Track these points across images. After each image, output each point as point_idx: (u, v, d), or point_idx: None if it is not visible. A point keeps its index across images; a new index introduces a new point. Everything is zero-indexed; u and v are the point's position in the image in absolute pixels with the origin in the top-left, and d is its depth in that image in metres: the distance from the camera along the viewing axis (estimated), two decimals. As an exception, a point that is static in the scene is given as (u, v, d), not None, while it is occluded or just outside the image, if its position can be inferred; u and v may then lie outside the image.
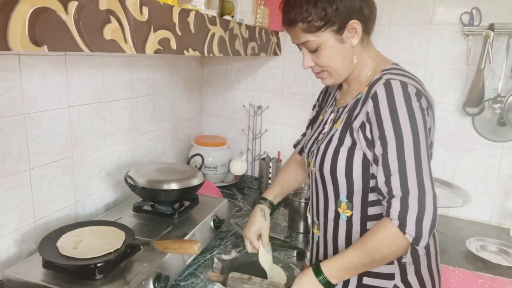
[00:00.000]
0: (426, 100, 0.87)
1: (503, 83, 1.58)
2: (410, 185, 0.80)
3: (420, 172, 0.81)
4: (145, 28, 0.85)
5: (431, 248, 0.97)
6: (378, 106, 0.84)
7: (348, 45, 0.92)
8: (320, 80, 1.01)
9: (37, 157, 1.17)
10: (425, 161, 0.82)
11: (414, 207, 0.80)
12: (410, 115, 0.82)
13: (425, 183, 0.80)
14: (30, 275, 0.99)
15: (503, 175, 1.67)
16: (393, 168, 0.82)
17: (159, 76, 1.75)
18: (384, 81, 0.86)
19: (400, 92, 0.83)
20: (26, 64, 1.10)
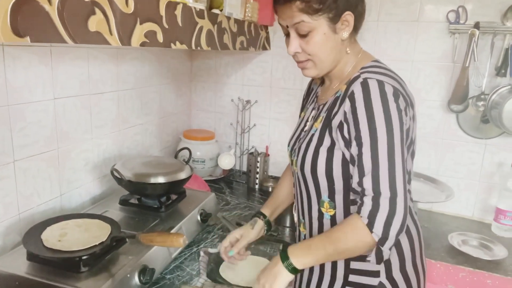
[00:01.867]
0: (404, 99, 0.86)
1: (487, 81, 1.60)
2: (382, 186, 0.81)
3: (393, 174, 0.81)
4: (131, 20, 0.85)
5: (416, 244, 0.98)
6: (355, 105, 0.84)
7: (339, 37, 0.91)
8: (302, 71, 0.98)
9: (21, 149, 1.16)
10: (399, 162, 0.82)
11: (384, 208, 0.81)
12: (386, 116, 0.82)
13: (397, 185, 0.81)
14: (14, 268, 0.99)
15: (486, 171, 1.71)
16: (366, 169, 0.83)
17: (147, 69, 1.74)
18: (361, 80, 0.86)
19: (377, 92, 0.83)
20: (10, 55, 1.09)
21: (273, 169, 2.04)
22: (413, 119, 0.91)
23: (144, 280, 1.03)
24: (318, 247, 0.89)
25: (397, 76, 0.92)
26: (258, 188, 1.94)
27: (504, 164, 1.66)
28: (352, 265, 0.94)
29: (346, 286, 0.95)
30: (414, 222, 0.99)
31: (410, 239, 0.96)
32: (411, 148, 0.93)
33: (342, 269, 0.96)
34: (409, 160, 0.93)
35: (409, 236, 0.96)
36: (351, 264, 0.95)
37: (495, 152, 1.68)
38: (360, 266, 0.94)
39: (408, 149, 0.91)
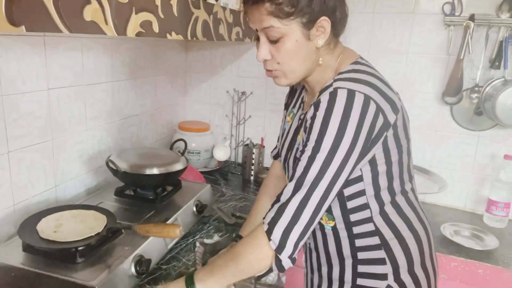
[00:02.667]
0: (378, 107, 0.79)
1: (481, 73, 1.61)
2: (297, 196, 0.79)
3: (314, 188, 0.78)
4: (126, 9, 0.84)
5: (424, 244, 0.95)
6: (315, 114, 0.80)
7: (313, 44, 0.85)
8: (273, 79, 0.91)
9: (15, 140, 1.15)
10: (328, 176, 0.78)
11: (288, 216, 0.79)
12: (338, 133, 0.77)
13: (311, 199, 0.78)
14: (10, 259, 0.99)
15: (478, 163, 1.73)
16: (296, 174, 0.80)
17: (141, 60, 1.73)
18: (331, 89, 0.80)
19: (342, 103, 0.77)
20: (3, 45, 1.07)
21: (269, 161, 2.04)
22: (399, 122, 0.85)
23: (140, 270, 1.04)
24: (220, 266, 0.88)
25: (377, 79, 0.84)
26: (253, 180, 1.95)
27: (497, 156, 1.68)
28: (360, 268, 0.93)
29: None
30: (422, 222, 0.96)
31: (417, 241, 0.93)
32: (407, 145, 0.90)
33: (350, 273, 0.94)
34: (405, 158, 0.90)
35: (417, 237, 0.93)
36: (358, 268, 0.93)
37: (488, 144, 1.70)
38: (367, 269, 0.92)
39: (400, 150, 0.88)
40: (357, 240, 0.92)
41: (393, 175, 0.88)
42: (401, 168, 0.90)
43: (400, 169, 0.90)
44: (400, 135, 0.87)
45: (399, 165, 0.89)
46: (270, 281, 1.14)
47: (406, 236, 0.92)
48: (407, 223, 0.92)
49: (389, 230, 0.90)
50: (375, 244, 0.91)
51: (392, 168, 0.88)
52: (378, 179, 0.87)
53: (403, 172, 0.91)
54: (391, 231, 0.91)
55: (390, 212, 0.90)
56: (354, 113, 0.77)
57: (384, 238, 0.90)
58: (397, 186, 0.90)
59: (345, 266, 0.95)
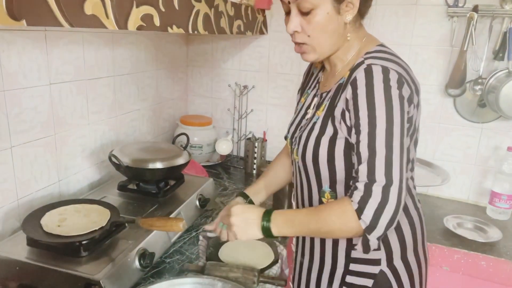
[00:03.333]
0: (409, 86, 0.83)
1: (485, 65, 1.60)
2: (377, 173, 0.78)
3: (390, 162, 0.78)
4: (127, 3, 0.83)
5: (418, 232, 0.97)
6: (356, 92, 0.81)
7: (342, 19, 0.86)
8: (301, 55, 0.93)
9: (18, 135, 1.16)
10: (396, 151, 0.79)
11: (377, 196, 0.78)
12: (387, 103, 0.79)
13: (393, 174, 0.78)
14: (14, 253, 0.99)
15: (481, 155, 1.72)
16: (363, 156, 0.80)
17: (143, 54, 1.72)
18: (365, 66, 0.82)
19: (380, 78, 0.79)
20: (5, 40, 1.07)
21: (271, 154, 2.04)
22: (417, 107, 0.88)
23: (144, 264, 1.04)
24: (302, 222, 0.88)
25: (403, 62, 0.88)
26: (256, 173, 1.94)
27: (500, 148, 1.68)
28: (353, 254, 0.94)
29: (347, 275, 0.95)
30: (417, 210, 0.98)
31: (412, 227, 0.95)
32: (414, 136, 0.92)
33: (343, 258, 0.95)
34: (412, 148, 0.92)
35: (411, 223, 0.95)
36: (351, 253, 0.94)
37: (491, 136, 1.69)
38: (360, 255, 0.93)
39: (411, 137, 0.90)
40: None
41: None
42: (408, 156, 0.90)
43: (407, 157, 0.90)
44: (416, 120, 0.89)
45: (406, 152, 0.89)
46: (273, 274, 1.14)
47: (402, 222, 0.93)
48: (405, 209, 0.94)
49: None
50: None
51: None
52: None
53: (409, 160, 0.92)
54: None
55: None
56: (393, 87, 0.79)
57: None
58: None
59: (338, 250, 0.96)
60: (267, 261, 1.18)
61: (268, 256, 1.21)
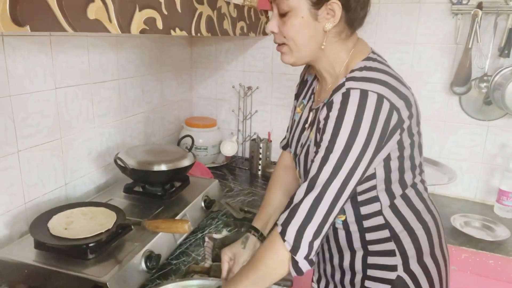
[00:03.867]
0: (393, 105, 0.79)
1: (490, 62, 1.59)
2: (309, 196, 0.79)
3: (326, 188, 0.78)
4: (130, 7, 0.84)
5: (434, 235, 0.95)
6: (328, 114, 0.80)
7: (321, 26, 0.84)
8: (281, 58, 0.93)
9: (25, 139, 1.17)
10: (341, 177, 0.78)
11: (301, 216, 0.79)
12: (353, 130, 0.77)
13: (324, 198, 0.78)
14: (22, 256, 1.00)
15: (488, 153, 1.71)
16: (309, 175, 0.81)
17: (147, 56, 1.73)
18: (344, 90, 0.80)
19: (355, 104, 0.77)
20: (10, 45, 1.08)
21: (276, 155, 2.03)
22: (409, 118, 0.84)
23: (150, 265, 1.05)
24: (241, 278, 0.87)
25: (390, 76, 0.83)
26: (261, 174, 1.95)
27: (507, 146, 1.66)
28: (370, 260, 0.93)
29: (366, 280, 0.94)
30: (431, 213, 0.96)
31: (427, 231, 0.93)
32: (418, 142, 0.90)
33: (360, 264, 0.95)
34: (416, 153, 0.90)
35: (426, 228, 0.93)
36: (368, 259, 0.93)
37: (497, 134, 1.67)
38: (377, 260, 0.92)
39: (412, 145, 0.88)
40: (367, 234, 0.92)
41: (405, 169, 0.88)
42: (412, 162, 0.90)
43: (412, 163, 0.90)
44: (413, 130, 0.87)
45: (410, 160, 0.89)
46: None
47: (415, 228, 0.92)
48: (417, 215, 0.92)
49: (399, 222, 0.91)
50: (385, 237, 0.91)
51: (404, 163, 0.88)
52: (390, 175, 0.87)
53: (415, 166, 0.91)
54: (401, 223, 0.91)
55: (400, 204, 0.90)
56: (367, 113, 0.77)
57: (394, 230, 0.90)
58: (408, 179, 0.90)
59: (355, 258, 0.95)
60: (273, 262, 1.18)
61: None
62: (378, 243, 0.92)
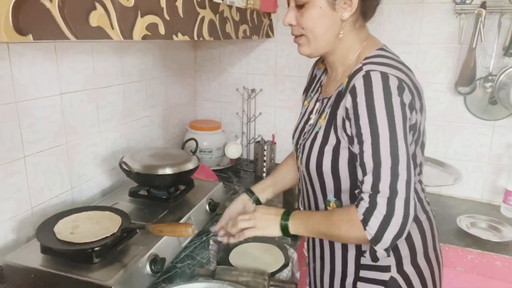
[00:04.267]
0: (410, 92, 0.81)
1: (495, 62, 1.58)
2: (382, 184, 0.77)
3: (395, 173, 0.77)
4: (132, 13, 0.85)
5: (428, 236, 0.96)
6: (356, 101, 0.80)
7: (338, 16, 0.86)
8: (297, 47, 0.94)
9: (31, 145, 1.18)
10: (403, 161, 0.77)
11: (381, 208, 0.77)
12: (389, 111, 0.77)
13: (398, 184, 0.77)
14: (29, 260, 1.01)
15: (494, 153, 1.69)
16: (368, 167, 0.79)
17: (151, 61, 1.74)
18: (363, 73, 0.80)
19: (380, 86, 0.78)
20: (16, 52, 1.10)
21: (280, 157, 2.04)
22: (421, 111, 0.86)
23: (155, 269, 1.05)
24: (315, 223, 0.90)
25: (404, 66, 0.86)
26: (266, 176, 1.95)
27: (513, 146, 1.65)
28: (363, 260, 0.93)
29: (358, 282, 0.94)
30: (426, 213, 0.97)
31: (421, 232, 0.94)
32: (420, 140, 0.90)
33: (352, 265, 0.95)
34: (418, 152, 0.91)
35: (420, 228, 0.94)
36: (361, 260, 0.93)
37: (503, 134, 1.66)
38: (369, 261, 0.91)
39: (417, 142, 0.88)
40: None
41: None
42: (414, 160, 0.89)
43: (414, 162, 0.89)
44: (421, 125, 0.88)
45: (412, 158, 0.88)
46: (284, 277, 1.14)
47: (410, 228, 0.90)
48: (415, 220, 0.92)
49: None
50: None
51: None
52: None
53: (416, 164, 0.90)
54: None
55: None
56: (393, 92, 0.78)
57: None
58: None
59: (348, 257, 0.96)
60: (278, 265, 1.18)
61: (279, 260, 1.21)
62: None
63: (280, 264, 1.19)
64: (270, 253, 1.25)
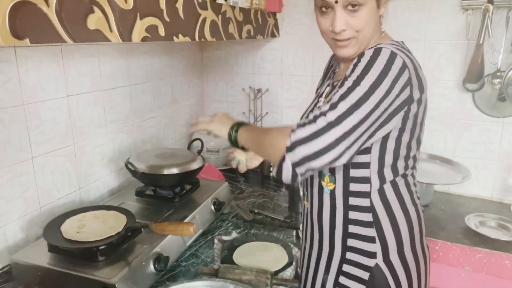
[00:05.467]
0: (410, 76, 0.83)
1: (503, 58, 1.55)
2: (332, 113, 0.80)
3: (349, 112, 0.79)
4: (130, 16, 0.86)
5: (415, 229, 0.97)
6: (359, 60, 0.84)
7: (379, 13, 0.90)
8: (339, 50, 0.93)
9: (38, 146, 1.21)
10: (362, 112, 0.79)
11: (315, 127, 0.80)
12: (380, 77, 0.80)
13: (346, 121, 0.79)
14: (36, 259, 1.04)
15: (504, 150, 1.66)
16: (332, 100, 0.82)
17: (157, 62, 1.76)
18: (377, 47, 0.85)
19: (385, 58, 0.81)
20: (22, 56, 1.13)
21: (287, 156, 2.04)
22: (419, 104, 0.87)
23: (159, 267, 1.07)
24: (255, 132, 0.98)
25: (415, 59, 0.89)
26: (273, 176, 1.95)
27: (524, 143, 1.62)
28: (349, 242, 0.95)
29: (344, 264, 0.96)
30: (415, 206, 0.97)
31: (408, 222, 0.95)
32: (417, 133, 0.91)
33: (339, 247, 0.96)
34: (414, 145, 0.92)
35: (408, 218, 0.95)
36: (348, 241, 0.95)
37: (513, 131, 1.63)
38: (356, 244, 0.94)
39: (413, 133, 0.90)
40: (351, 212, 0.94)
41: (399, 155, 0.90)
42: (408, 152, 0.92)
43: (407, 153, 0.92)
44: (418, 118, 0.89)
45: (407, 148, 0.91)
46: (287, 276, 1.15)
47: (398, 217, 0.93)
48: (401, 203, 0.94)
49: (383, 208, 0.92)
50: (368, 221, 0.92)
51: (400, 148, 0.89)
52: (385, 155, 0.89)
53: (409, 157, 0.92)
54: (385, 209, 0.92)
55: (388, 190, 0.92)
56: (393, 70, 0.81)
57: (377, 216, 0.92)
58: (400, 168, 0.92)
59: (335, 238, 0.97)
60: (281, 264, 1.19)
61: (282, 259, 1.21)
62: (359, 225, 0.93)
63: (283, 263, 1.19)
64: (274, 252, 1.26)
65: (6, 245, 1.15)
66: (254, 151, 1.03)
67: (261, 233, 1.38)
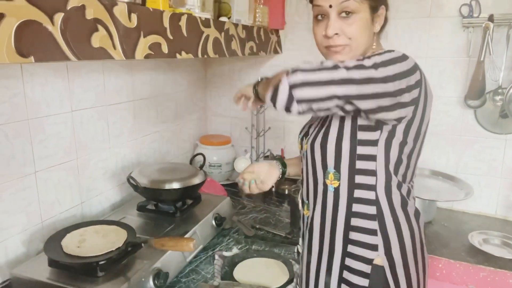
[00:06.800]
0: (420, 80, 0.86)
1: (504, 75, 1.56)
2: (350, 63, 0.79)
3: (360, 66, 0.79)
4: (134, 34, 0.88)
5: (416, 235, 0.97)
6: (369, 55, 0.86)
7: (373, 29, 0.93)
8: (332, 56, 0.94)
9: (42, 160, 1.22)
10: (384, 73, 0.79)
11: (310, 77, 0.78)
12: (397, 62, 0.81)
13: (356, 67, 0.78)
14: (36, 274, 1.04)
15: (507, 167, 1.65)
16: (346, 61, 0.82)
17: (161, 77, 1.79)
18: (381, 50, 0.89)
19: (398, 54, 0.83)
20: (28, 71, 1.15)
21: (289, 172, 2.04)
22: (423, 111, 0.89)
23: (158, 283, 1.06)
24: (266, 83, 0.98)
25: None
26: (274, 191, 1.95)
27: (527, 159, 1.61)
28: (351, 235, 0.94)
29: (346, 257, 0.95)
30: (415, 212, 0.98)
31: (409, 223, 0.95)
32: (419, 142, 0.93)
33: (341, 241, 0.96)
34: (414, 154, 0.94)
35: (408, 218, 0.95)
36: (349, 234, 0.94)
37: (516, 147, 1.62)
38: (358, 237, 0.94)
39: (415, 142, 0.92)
40: (354, 205, 0.94)
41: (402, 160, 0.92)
42: (408, 161, 0.93)
43: (408, 161, 0.93)
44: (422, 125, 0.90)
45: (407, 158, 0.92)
46: (288, 293, 1.14)
47: (399, 215, 0.94)
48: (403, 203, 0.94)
49: (387, 203, 0.92)
50: (371, 214, 0.92)
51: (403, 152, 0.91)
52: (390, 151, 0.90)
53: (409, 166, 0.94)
54: (388, 205, 0.92)
55: (393, 187, 0.93)
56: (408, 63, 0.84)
57: (381, 209, 0.92)
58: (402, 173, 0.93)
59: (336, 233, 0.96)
60: (282, 281, 1.18)
61: (283, 275, 1.21)
62: (362, 218, 0.93)
63: (284, 280, 1.18)
64: (275, 269, 1.25)
65: (7, 260, 1.15)
66: (264, 92, 0.98)
67: (262, 249, 1.38)
